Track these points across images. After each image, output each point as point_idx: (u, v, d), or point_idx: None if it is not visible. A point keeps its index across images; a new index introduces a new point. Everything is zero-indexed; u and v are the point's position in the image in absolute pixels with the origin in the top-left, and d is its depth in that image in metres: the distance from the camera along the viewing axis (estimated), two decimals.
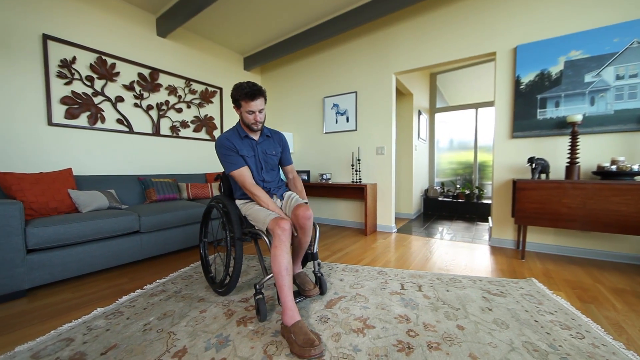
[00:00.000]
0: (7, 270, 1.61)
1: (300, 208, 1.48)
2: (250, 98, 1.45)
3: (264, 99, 1.51)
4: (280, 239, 1.30)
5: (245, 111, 1.49)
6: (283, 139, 1.75)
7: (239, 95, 1.46)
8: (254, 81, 1.55)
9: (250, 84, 1.47)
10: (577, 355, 1.10)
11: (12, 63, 2.21)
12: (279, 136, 1.73)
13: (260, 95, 1.48)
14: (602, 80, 2.21)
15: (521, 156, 2.54)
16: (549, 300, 1.57)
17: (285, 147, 1.75)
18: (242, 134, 1.57)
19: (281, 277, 1.28)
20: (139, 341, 1.23)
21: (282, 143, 1.73)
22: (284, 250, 1.30)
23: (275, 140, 1.70)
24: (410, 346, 1.17)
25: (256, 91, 1.46)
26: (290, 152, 1.79)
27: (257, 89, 1.46)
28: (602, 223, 1.99)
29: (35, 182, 2.03)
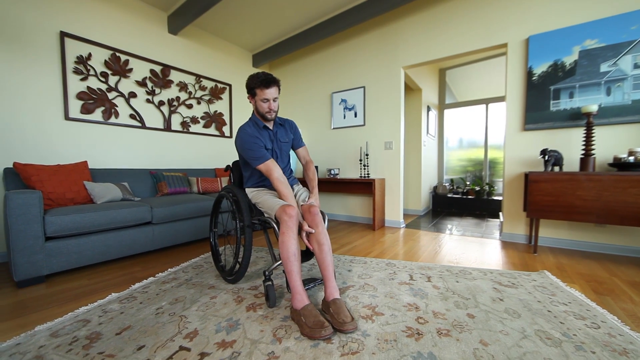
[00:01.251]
0: (27, 257, 1.67)
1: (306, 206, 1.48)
2: (265, 86, 1.46)
3: (278, 88, 1.53)
4: (287, 225, 1.31)
5: (260, 99, 1.50)
6: (293, 124, 1.77)
7: (254, 83, 1.48)
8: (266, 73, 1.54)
9: (264, 72, 1.50)
10: (592, 344, 1.07)
11: (32, 60, 2.29)
12: (289, 123, 1.75)
13: (275, 83, 1.49)
14: (618, 69, 2.14)
15: (533, 149, 2.49)
16: (562, 292, 1.53)
17: (297, 132, 1.76)
18: (259, 124, 1.58)
19: (289, 262, 1.29)
20: (152, 323, 1.26)
21: (293, 129, 1.75)
22: (292, 237, 1.30)
23: (287, 127, 1.72)
24: (420, 332, 1.16)
25: (271, 79, 1.48)
26: (301, 137, 1.80)
27: (271, 78, 1.49)
28: (619, 216, 1.93)
29: (53, 173, 2.10)
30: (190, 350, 1.07)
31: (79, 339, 1.15)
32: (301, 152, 1.77)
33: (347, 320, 1.16)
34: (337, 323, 1.16)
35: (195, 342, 1.11)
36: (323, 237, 1.38)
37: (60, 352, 1.07)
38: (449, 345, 1.07)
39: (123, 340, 1.13)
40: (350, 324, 1.15)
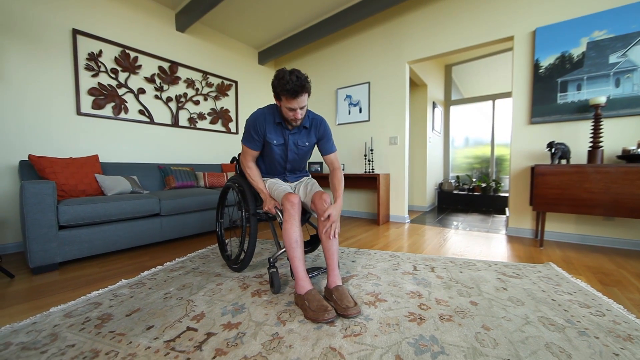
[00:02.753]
0: (42, 244, 1.73)
1: (316, 194, 1.43)
2: (293, 96, 1.27)
3: (308, 94, 1.34)
4: (289, 213, 1.33)
5: (285, 107, 1.34)
6: (322, 126, 1.55)
7: (280, 89, 1.28)
8: (297, 70, 1.30)
9: (295, 76, 1.26)
10: (596, 330, 1.07)
11: (45, 56, 2.36)
12: (317, 125, 1.54)
13: (305, 91, 1.29)
14: (628, 60, 2.11)
15: (540, 142, 2.46)
16: (567, 282, 1.52)
17: (325, 136, 1.57)
18: (276, 119, 1.45)
19: (292, 249, 1.31)
20: (161, 306, 1.30)
21: (320, 132, 1.55)
22: (294, 224, 1.33)
23: (312, 131, 1.54)
24: (422, 317, 1.18)
25: (300, 87, 1.26)
26: (332, 139, 1.60)
27: (301, 85, 1.26)
28: (628, 208, 1.90)
29: (66, 166, 2.17)
30: (197, 330, 1.10)
31: (91, 319, 1.20)
32: (328, 159, 1.59)
33: (350, 305, 1.18)
34: (341, 308, 1.18)
35: (202, 324, 1.15)
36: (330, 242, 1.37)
37: (73, 330, 1.12)
38: (451, 330, 1.08)
39: (133, 321, 1.18)
40: (353, 308, 1.17)
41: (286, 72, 1.28)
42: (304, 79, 1.29)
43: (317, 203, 1.40)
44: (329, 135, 1.59)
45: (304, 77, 1.29)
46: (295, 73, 1.28)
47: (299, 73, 1.28)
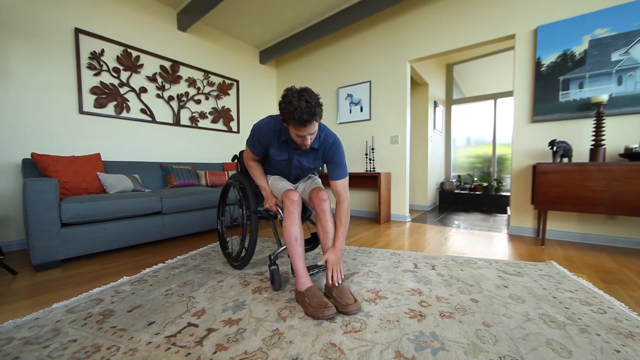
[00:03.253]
0: (44, 242, 1.74)
1: (314, 190, 1.40)
2: (302, 125, 1.15)
3: (319, 118, 1.19)
4: (289, 211, 1.33)
5: (293, 133, 1.22)
6: (331, 151, 1.38)
7: (288, 116, 1.15)
8: (308, 90, 1.15)
9: (304, 101, 1.11)
10: (597, 327, 1.07)
11: (48, 55, 2.38)
12: (326, 147, 1.38)
13: (315, 119, 1.16)
14: (630, 58, 2.10)
15: (542, 141, 2.45)
16: (569, 280, 1.52)
17: (333, 161, 1.40)
18: (282, 137, 1.33)
19: (292, 247, 1.31)
20: (162, 303, 1.31)
21: (329, 156, 1.39)
22: (294, 222, 1.32)
23: (319, 153, 1.40)
24: (422, 314, 1.18)
25: (310, 115, 1.12)
26: (343, 165, 1.40)
27: (311, 112, 1.12)
28: (630, 206, 1.89)
29: (69, 164, 2.18)
30: (198, 326, 1.11)
31: (93, 315, 1.21)
32: (334, 186, 1.40)
33: (350, 302, 1.18)
34: (341, 305, 1.18)
35: (203, 320, 1.15)
36: (329, 224, 1.38)
37: (75, 325, 1.12)
38: (452, 326, 1.08)
39: (134, 317, 1.18)
40: (353, 305, 1.17)
41: (295, 95, 1.13)
42: (315, 104, 1.13)
43: (314, 199, 1.39)
44: (339, 161, 1.39)
45: (314, 102, 1.13)
46: (304, 97, 1.12)
47: (309, 96, 1.13)
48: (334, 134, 1.41)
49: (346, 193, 1.41)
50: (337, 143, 1.39)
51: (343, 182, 1.41)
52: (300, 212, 1.38)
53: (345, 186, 1.41)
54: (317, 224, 1.42)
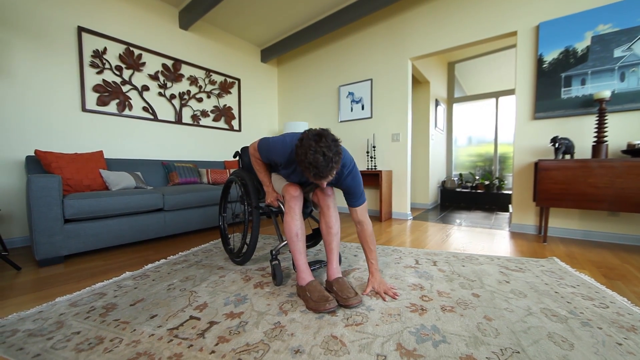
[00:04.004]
0: (47, 237, 1.76)
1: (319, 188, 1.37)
2: (318, 179, 1.10)
3: (338, 165, 1.10)
4: (289, 206, 1.32)
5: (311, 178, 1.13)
6: (346, 183, 1.29)
7: (304, 169, 1.08)
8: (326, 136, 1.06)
9: (320, 156, 1.02)
10: (599, 321, 1.07)
11: (51, 53, 2.39)
12: (341, 178, 1.28)
13: (332, 172, 1.09)
14: (633, 54, 2.09)
15: (544, 138, 2.45)
16: (571, 276, 1.51)
17: (350, 192, 1.31)
18: (298, 169, 1.28)
19: (292, 242, 1.31)
20: (164, 297, 1.32)
21: (345, 187, 1.31)
22: (294, 217, 1.31)
23: (333, 181, 1.31)
24: (424, 308, 1.18)
25: (328, 171, 1.06)
26: (359, 192, 1.32)
27: (330, 168, 1.05)
28: (632, 203, 1.88)
29: (72, 161, 2.20)
30: (200, 319, 1.11)
31: (96, 308, 1.22)
32: (354, 214, 1.34)
33: (351, 296, 1.18)
34: (342, 299, 1.18)
35: (205, 313, 1.16)
36: (332, 219, 1.37)
37: (79, 318, 1.13)
38: (453, 320, 1.08)
39: (137, 310, 1.19)
40: (354, 298, 1.17)
41: (311, 146, 1.03)
42: (333, 155, 1.04)
43: (319, 194, 1.39)
44: (354, 190, 1.30)
45: (332, 154, 1.04)
46: (322, 149, 1.02)
47: (327, 147, 1.03)
48: (350, 161, 1.29)
49: (366, 218, 1.36)
50: (353, 173, 1.29)
51: (362, 209, 1.34)
52: (301, 208, 1.37)
53: (364, 212, 1.35)
54: (321, 219, 1.40)
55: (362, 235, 1.36)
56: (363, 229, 1.35)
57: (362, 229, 1.35)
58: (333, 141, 1.08)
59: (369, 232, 1.35)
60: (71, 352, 0.92)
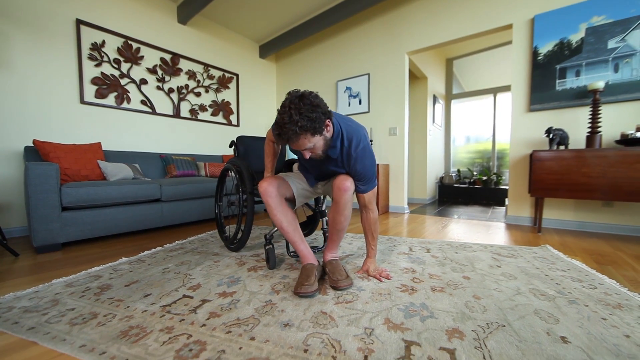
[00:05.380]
0: (45, 224, 1.78)
1: (338, 178, 1.23)
2: (283, 142, 1.06)
3: (310, 134, 1.02)
4: (265, 201, 1.26)
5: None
6: (354, 169, 1.21)
7: (274, 130, 1.07)
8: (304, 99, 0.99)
9: (287, 116, 0.98)
10: (586, 300, 1.08)
11: (50, 45, 2.41)
12: (346, 160, 1.21)
13: (299, 138, 1.01)
14: (627, 45, 2.10)
15: (539, 130, 2.46)
16: (562, 261, 1.53)
17: (358, 178, 1.23)
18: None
19: (284, 231, 1.29)
20: (159, 279, 1.33)
21: (352, 172, 1.23)
22: (275, 211, 1.26)
23: (339, 162, 1.23)
24: (414, 289, 1.19)
25: (286, 135, 1.00)
26: (367, 178, 1.24)
27: (292, 131, 0.99)
28: (625, 192, 1.90)
29: (70, 151, 2.22)
30: (193, 297, 1.13)
31: (91, 288, 1.23)
32: (360, 199, 1.30)
33: (341, 278, 1.19)
34: (332, 281, 1.20)
35: (198, 292, 1.18)
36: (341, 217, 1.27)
37: (74, 297, 1.15)
38: (442, 299, 1.10)
39: (131, 290, 1.21)
40: (344, 280, 1.18)
41: (285, 104, 1.00)
42: (298, 121, 0.97)
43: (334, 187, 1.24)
44: (361, 176, 1.22)
45: (297, 119, 0.97)
46: (291, 111, 0.97)
47: (296, 111, 0.97)
48: (362, 148, 1.18)
49: (372, 205, 1.30)
50: (362, 159, 1.19)
51: (369, 195, 1.28)
52: (280, 199, 1.29)
53: (371, 199, 1.29)
54: (333, 205, 1.28)
55: (366, 222, 1.33)
56: (368, 216, 1.32)
57: (367, 215, 1.32)
58: (312, 106, 0.99)
59: (374, 219, 1.32)
60: (65, 326, 0.94)
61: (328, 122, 1.08)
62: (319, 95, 1.06)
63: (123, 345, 0.83)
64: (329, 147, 1.16)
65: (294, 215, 1.34)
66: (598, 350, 0.78)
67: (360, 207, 1.34)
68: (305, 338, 0.85)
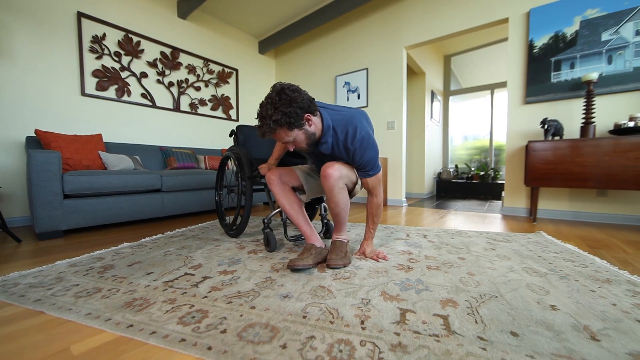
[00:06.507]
0: (47, 211, 1.80)
1: (323, 165, 1.22)
2: (261, 134, 1.09)
3: (287, 128, 1.05)
4: (272, 191, 1.37)
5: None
6: (352, 154, 1.20)
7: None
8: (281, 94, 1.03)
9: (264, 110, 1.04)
10: (577, 276, 1.11)
11: (51, 37, 2.44)
12: (347, 150, 1.20)
13: (272, 132, 1.06)
14: (620, 37, 2.14)
15: (535, 121, 2.50)
16: (556, 245, 1.56)
17: (358, 167, 1.25)
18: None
19: (288, 214, 1.36)
20: (160, 260, 1.36)
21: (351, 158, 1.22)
22: (278, 195, 1.35)
23: (336, 157, 1.26)
24: (410, 267, 1.22)
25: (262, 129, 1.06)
26: (370, 166, 1.23)
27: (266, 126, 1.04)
28: (618, 180, 1.93)
29: (71, 141, 2.24)
30: (195, 275, 1.16)
31: (94, 268, 1.26)
32: (365, 184, 1.31)
33: (334, 257, 1.22)
34: (327, 259, 1.23)
35: (199, 271, 1.20)
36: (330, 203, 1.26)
37: (78, 275, 1.18)
38: (437, 275, 1.13)
39: (134, 269, 1.24)
40: (337, 259, 1.21)
41: (264, 100, 1.06)
42: (272, 116, 1.01)
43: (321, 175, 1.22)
44: (364, 164, 1.22)
45: (271, 114, 1.01)
46: (265, 106, 1.03)
47: (271, 105, 1.02)
48: (359, 140, 1.16)
49: (376, 190, 1.30)
50: (359, 150, 1.18)
51: (373, 180, 1.28)
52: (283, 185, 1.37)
53: (374, 184, 1.29)
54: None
55: (369, 205, 1.35)
56: (371, 200, 1.34)
57: (370, 199, 1.34)
58: (288, 100, 1.02)
59: (376, 204, 1.33)
60: (70, 298, 0.97)
61: (308, 116, 1.08)
62: (300, 89, 1.07)
63: (127, 314, 0.86)
64: (313, 141, 1.17)
65: (297, 200, 1.39)
66: (585, 315, 0.82)
67: (367, 191, 1.35)
68: (304, 307, 0.88)
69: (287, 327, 0.77)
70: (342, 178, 1.21)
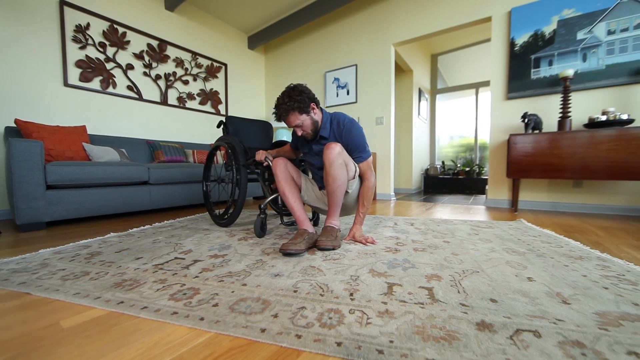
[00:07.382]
0: (29, 202, 1.75)
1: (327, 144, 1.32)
2: (277, 119, 1.38)
3: (298, 112, 1.30)
4: (274, 172, 1.42)
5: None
6: (345, 140, 1.37)
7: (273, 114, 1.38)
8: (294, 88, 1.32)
9: (280, 98, 1.33)
10: (552, 254, 1.18)
11: (32, 26, 2.36)
12: (339, 136, 1.39)
13: (288, 114, 1.31)
14: (594, 36, 2.26)
15: (516, 116, 2.60)
16: (534, 230, 1.64)
17: (348, 147, 1.38)
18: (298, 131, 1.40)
19: (285, 197, 1.40)
20: (149, 247, 1.35)
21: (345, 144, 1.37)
22: (281, 179, 1.40)
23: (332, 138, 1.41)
24: (397, 249, 1.26)
25: (279, 111, 1.33)
26: (360, 148, 1.39)
27: (282, 109, 1.31)
28: (591, 170, 2.05)
29: (54, 132, 2.18)
30: (185, 259, 1.16)
31: (80, 255, 1.24)
32: (360, 168, 1.42)
33: (324, 239, 1.25)
34: (317, 241, 1.27)
35: (189, 255, 1.20)
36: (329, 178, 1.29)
37: (64, 261, 1.16)
38: (423, 256, 1.17)
39: (122, 255, 1.22)
40: (327, 241, 1.24)
41: (282, 92, 1.35)
42: (286, 102, 1.30)
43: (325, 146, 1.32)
44: (354, 145, 1.38)
45: (286, 100, 1.30)
46: (282, 97, 1.32)
47: (286, 94, 1.31)
48: (348, 121, 1.40)
49: (368, 173, 1.41)
50: (349, 130, 1.37)
51: (364, 164, 1.41)
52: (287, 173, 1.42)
53: (365, 169, 1.41)
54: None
55: (361, 190, 1.43)
56: (364, 184, 1.42)
57: (363, 183, 1.43)
58: (299, 92, 1.32)
59: (368, 187, 1.41)
60: (57, 280, 0.95)
61: (314, 105, 1.36)
62: (307, 86, 1.37)
63: (118, 292, 0.85)
64: (317, 127, 1.39)
65: (297, 187, 1.45)
66: (558, 285, 0.87)
67: (361, 175, 1.44)
68: (295, 283, 0.90)
69: (278, 300, 0.79)
70: (341, 155, 1.30)
